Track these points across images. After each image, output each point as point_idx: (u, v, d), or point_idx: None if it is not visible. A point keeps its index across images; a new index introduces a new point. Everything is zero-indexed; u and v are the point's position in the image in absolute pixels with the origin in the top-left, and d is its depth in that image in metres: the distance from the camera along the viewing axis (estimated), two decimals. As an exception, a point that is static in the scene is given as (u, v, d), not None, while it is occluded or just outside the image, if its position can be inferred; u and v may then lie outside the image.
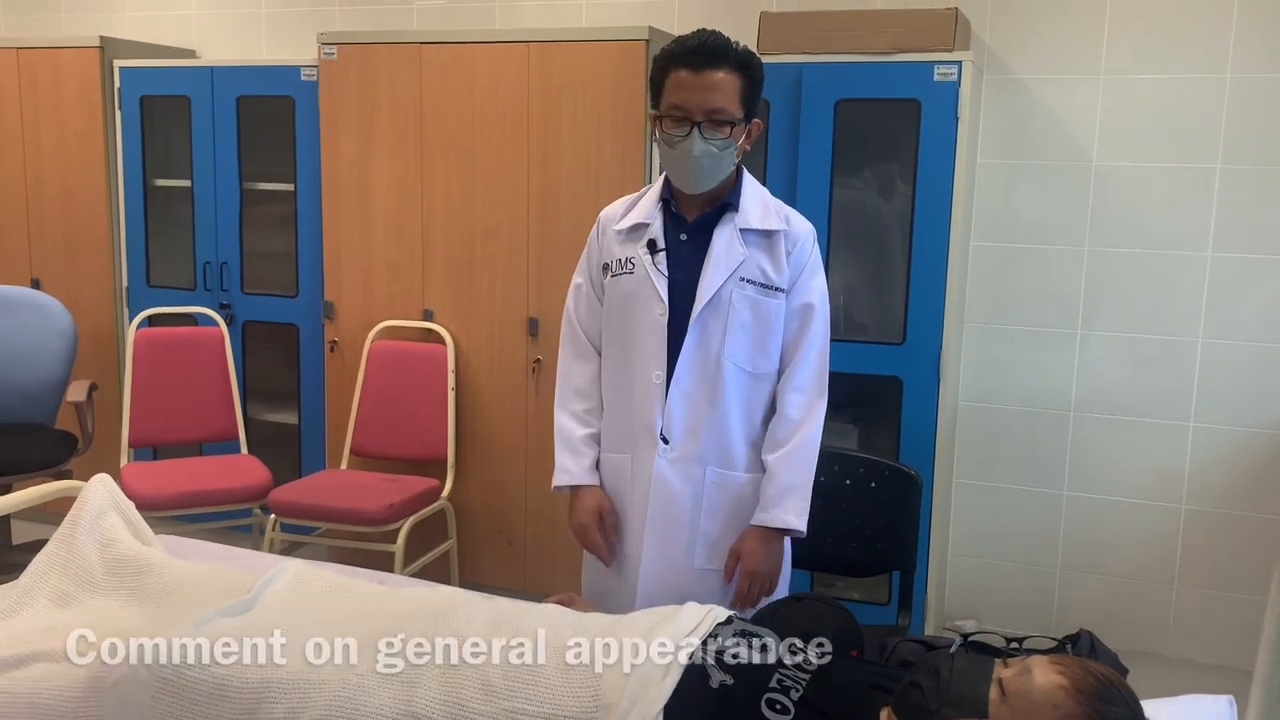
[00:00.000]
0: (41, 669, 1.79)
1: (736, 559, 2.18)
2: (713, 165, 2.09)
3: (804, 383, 2.19)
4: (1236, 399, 3.46)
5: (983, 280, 3.67)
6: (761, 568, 2.17)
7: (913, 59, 3.22)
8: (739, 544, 2.19)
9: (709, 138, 2.05)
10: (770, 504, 2.16)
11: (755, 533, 2.18)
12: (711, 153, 2.06)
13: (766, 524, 2.16)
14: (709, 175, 2.11)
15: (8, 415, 3.83)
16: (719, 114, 2.04)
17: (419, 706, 1.58)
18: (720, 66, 2.04)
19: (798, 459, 2.16)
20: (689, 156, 2.07)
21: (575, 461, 2.26)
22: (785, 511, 2.14)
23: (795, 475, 2.16)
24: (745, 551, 2.17)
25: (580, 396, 2.30)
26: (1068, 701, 1.41)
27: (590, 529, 2.24)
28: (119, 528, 2.16)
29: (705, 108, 2.04)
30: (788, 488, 2.15)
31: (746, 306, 2.15)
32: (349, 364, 3.93)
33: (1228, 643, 3.54)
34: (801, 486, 2.16)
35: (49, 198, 4.34)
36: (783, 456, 2.17)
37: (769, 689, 1.55)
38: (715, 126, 2.05)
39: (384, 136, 3.77)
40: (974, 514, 3.78)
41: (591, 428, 2.28)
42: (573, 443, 2.27)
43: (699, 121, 2.04)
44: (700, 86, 2.04)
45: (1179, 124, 3.43)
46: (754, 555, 2.16)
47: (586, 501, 2.25)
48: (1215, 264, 3.44)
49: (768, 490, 2.17)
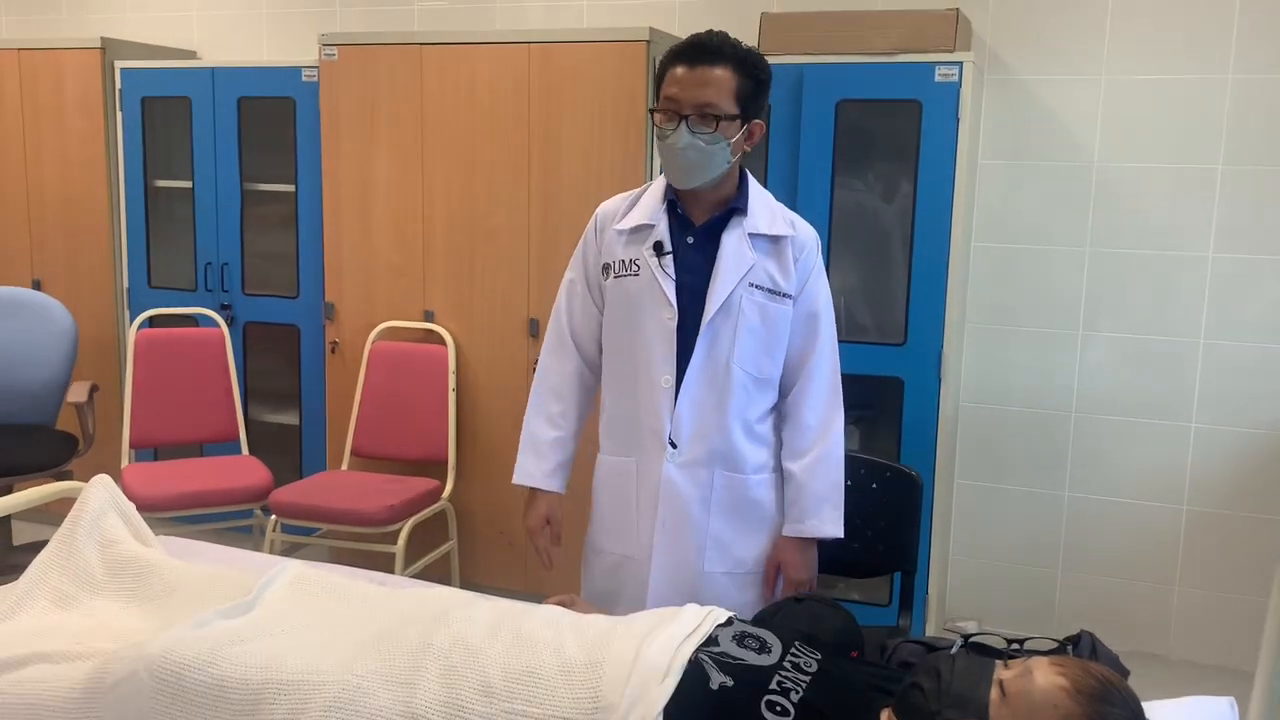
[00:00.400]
0: (41, 670, 1.79)
1: (776, 568, 2.23)
2: (700, 159, 2.08)
3: (820, 390, 2.21)
4: (1238, 400, 3.46)
5: (984, 281, 3.67)
6: (804, 575, 2.23)
7: (914, 59, 3.22)
8: (776, 554, 2.23)
9: (696, 131, 2.05)
10: (805, 514, 2.19)
11: (793, 544, 2.22)
12: (698, 146, 2.06)
13: (803, 534, 2.20)
14: (697, 169, 2.09)
15: (9, 416, 3.83)
16: (708, 108, 2.04)
17: (418, 708, 1.58)
18: (715, 63, 2.04)
19: (826, 467, 2.20)
20: (675, 148, 2.07)
21: (537, 464, 2.29)
22: (822, 521, 2.19)
23: (825, 484, 2.19)
24: (786, 563, 2.22)
25: (556, 397, 2.30)
26: (1068, 703, 1.41)
27: (536, 534, 2.30)
28: (119, 529, 2.16)
29: (694, 101, 2.04)
30: (821, 497, 2.19)
31: (755, 312, 2.15)
32: (350, 365, 3.93)
33: (1229, 644, 3.54)
34: (834, 494, 2.20)
35: (50, 199, 4.35)
36: (809, 465, 2.19)
37: (769, 690, 1.54)
38: (703, 120, 2.05)
39: (385, 137, 3.77)
40: (975, 515, 3.78)
41: (561, 430, 2.29)
42: (538, 444, 2.29)
43: (687, 115, 2.05)
44: (691, 81, 2.05)
45: (1180, 124, 3.42)
46: (795, 565, 2.22)
47: (539, 507, 2.30)
48: (1217, 265, 3.44)
49: (800, 500, 2.19)
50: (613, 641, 1.64)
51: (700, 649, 1.62)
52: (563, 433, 2.29)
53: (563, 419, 2.30)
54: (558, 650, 1.64)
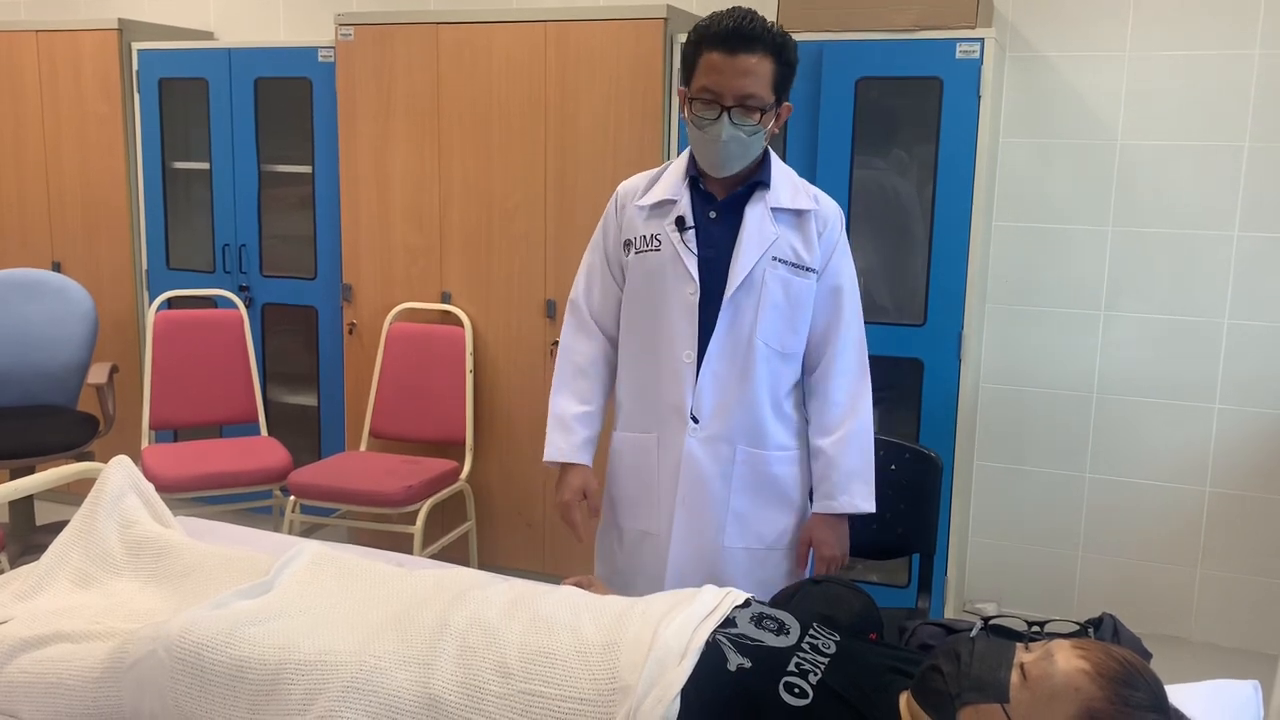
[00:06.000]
0: (61, 649, 1.80)
1: (807, 545, 2.23)
2: (740, 150, 2.07)
3: (847, 365, 2.19)
4: (1263, 381, 3.42)
5: (1005, 260, 3.63)
6: (836, 551, 2.22)
7: (934, 36, 3.18)
8: (808, 531, 2.23)
9: (739, 123, 2.02)
10: (837, 490, 2.18)
11: (825, 520, 2.21)
12: (740, 138, 2.04)
13: (835, 510, 2.19)
14: (736, 160, 2.09)
15: (30, 397, 3.86)
16: (751, 100, 2.01)
17: (436, 688, 1.58)
18: (754, 51, 2.00)
19: (856, 443, 2.19)
20: (717, 141, 2.04)
21: (566, 439, 2.26)
22: (854, 496, 2.18)
23: (856, 460, 2.18)
24: (818, 540, 2.22)
25: (580, 375, 2.29)
26: (1090, 686, 1.40)
27: (572, 508, 2.25)
28: (138, 509, 2.17)
29: (737, 93, 2.01)
30: (852, 473, 2.18)
31: (779, 286, 2.13)
32: (367, 346, 3.93)
33: (1252, 627, 3.51)
34: (865, 470, 2.19)
35: (69, 181, 4.36)
36: (839, 441, 2.18)
37: (787, 672, 1.53)
38: (746, 112, 2.02)
39: (401, 117, 3.76)
40: (995, 496, 3.76)
41: (588, 406, 2.28)
42: (565, 420, 2.27)
43: (730, 106, 2.01)
44: (733, 71, 2.00)
45: (1205, 101, 3.37)
46: (827, 542, 2.21)
47: (572, 480, 2.26)
48: (1241, 244, 3.40)
49: (831, 477, 2.19)
50: (630, 623, 1.64)
51: (718, 630, 1.61)
52: (590, 408, 2.28)
53: (589, 395, 2.28)
54: (575, 631, 1.63)
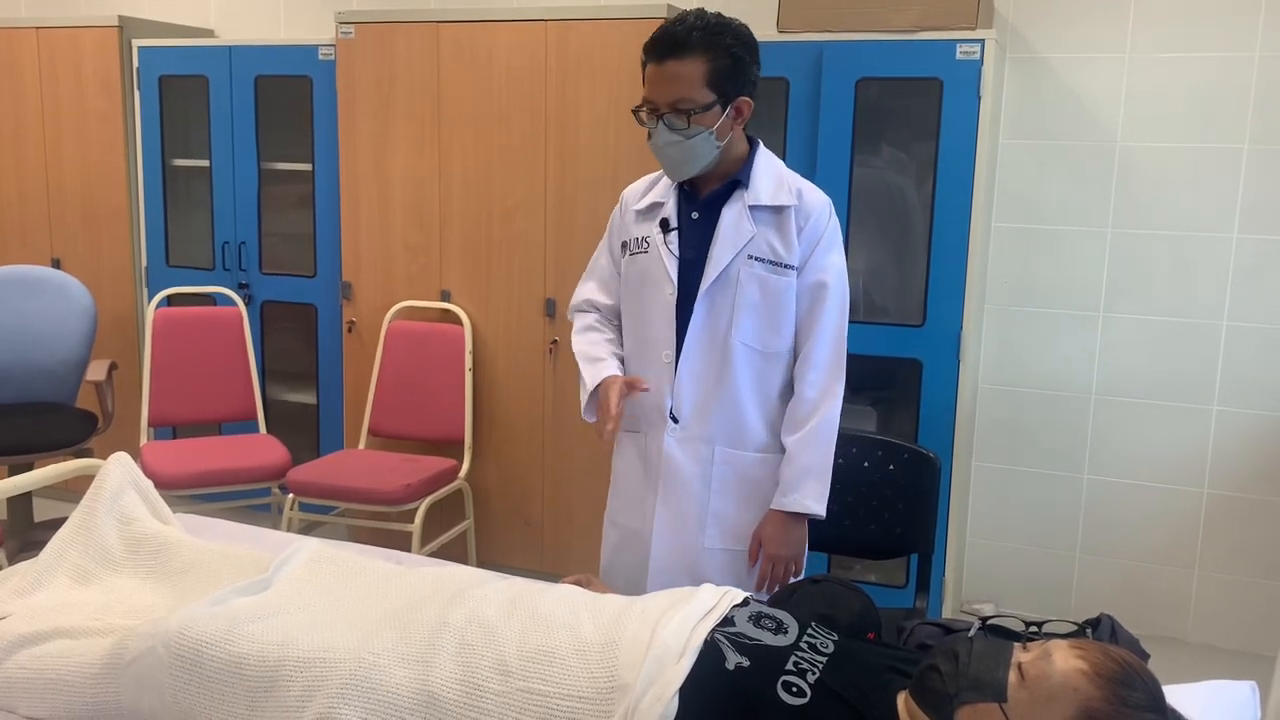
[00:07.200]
0: (60, 645, 1.81)
1: (759, 543, 2.18)
2: (683, 153, 2.09)
3: (820, 362, 2.16)
4: (1261, 383, 3.42)
5: (1004, 262, 3.64)
6: (782, 551, 2.16)
7: (935, 37, 3.19)
8: (760, 528, 2.19)
9: (672, 127, 2.06)
10: (789, 488, 2.14)
11: (775, 517, 2.17)
12: (677, 141, 2.07)
13: (785, 508, 2.15)
14: (684, 163, 2.11)
15: (29, 394, 3.86)
16: (681, 103, 2.04)
17: (434, 686, 1.58)
18: (681, 55, 2.03)
19: (815, 441, 2.14)
20: (658, 147, 2.10)
21: (597, 368, 2.20)
22: (804, 496, 2.13)
23: (812, 458, 2.14)
24: (765, 536, 2.17)
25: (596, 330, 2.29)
26: (1088, 686, 1.40)
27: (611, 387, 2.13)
28: (137, 506, 2.17)
29: (667, 99, 2.05)
30: (805, 471, 2.13)
31: (755, 285, 2.13)
32: (367, 344, 3.93)
33: (1249, 628, 3.52)
34: (819, 469, 2.14)
35: (69, 178, 4.36)
36: (801, 439, 2.15)
37: (785, 671, 1.54)
38: (678, 115, 2.05)
39: (402, 116, 3.76)
40: (993, 497, 3.76)
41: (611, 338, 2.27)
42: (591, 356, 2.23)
43: (663, 113, 2.05)
44: (661, 79, 2.05)
45: (1205, 103, 3.38)
46: (773, 540, 2.16)
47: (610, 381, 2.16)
48: (1241, 246, 3.40)
49: (786, 473, 2.15)
50: (628, 621, 1.64)
51: (716, 629, 1.62)
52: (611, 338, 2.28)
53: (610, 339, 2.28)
54: (573, 630, 1.64)
